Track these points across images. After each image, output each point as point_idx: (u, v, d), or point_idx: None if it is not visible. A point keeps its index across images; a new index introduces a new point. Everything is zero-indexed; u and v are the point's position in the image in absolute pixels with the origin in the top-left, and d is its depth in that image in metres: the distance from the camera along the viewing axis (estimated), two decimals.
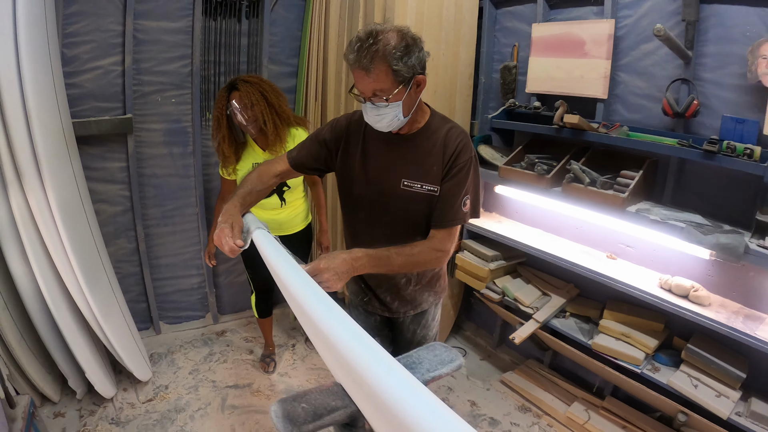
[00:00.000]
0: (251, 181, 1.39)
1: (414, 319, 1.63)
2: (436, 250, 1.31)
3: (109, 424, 2.13)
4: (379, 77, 1.16)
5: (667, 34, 1.67)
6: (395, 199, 1.36)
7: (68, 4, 2.15)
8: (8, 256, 1.94)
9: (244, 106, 2.04)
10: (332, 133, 1.42)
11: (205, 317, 2.98)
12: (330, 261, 1.13)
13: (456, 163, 1.29)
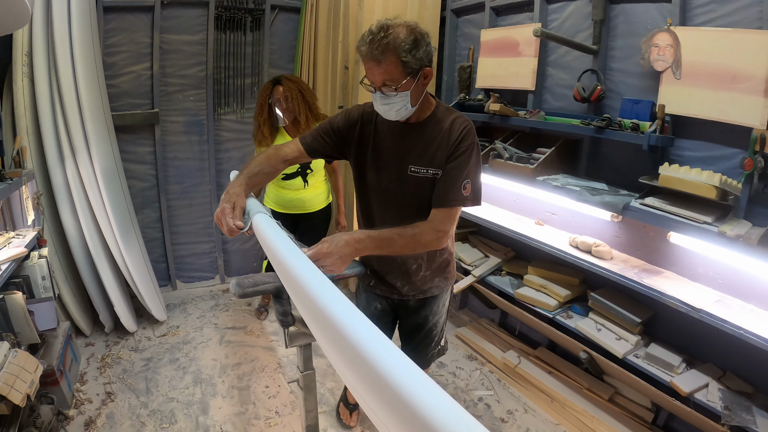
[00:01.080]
0: (259, 163, 1.41)
1: (425, 305, 1.68)
2: (437, 230, 1.35)
3: (129, 351, 2.71)
4: (389, 68, 1.22)
5: (545, 34, 2.07)
6: (404, 184, 1.42)
7: (108, 21, 2.81)
8: (62, 212, 2.57)
9: (284, 98, 2.41)
10: (346, 122, 1.47)
11: (214, 278, 3.57)
12: (333, 244, 1.18)
13: (459, 147, 1.34)
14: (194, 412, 2.26)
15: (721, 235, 1.69)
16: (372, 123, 1.46)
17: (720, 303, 1.89)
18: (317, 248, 1.17)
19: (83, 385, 2.40)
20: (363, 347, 0.63)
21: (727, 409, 1.81)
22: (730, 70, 1.81)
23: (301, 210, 2.61)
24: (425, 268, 1.57)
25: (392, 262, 1.56)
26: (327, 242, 1.18)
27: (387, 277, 1.60)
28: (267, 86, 2.50)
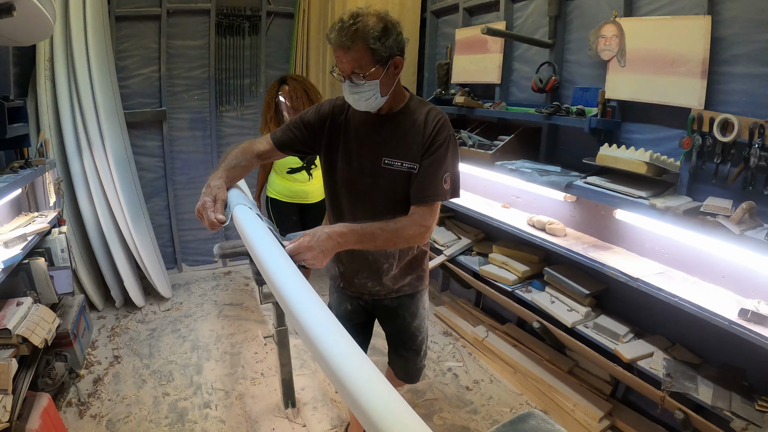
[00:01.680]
0: (236, 156, 1.40)
1: (401, 304, 1.63)
2: (418, 225, 1.31)
3: (136, 323, 3.03)
4: (357, 55, 1.20)
5: (492, 31, 2.27)
6: (376, 177, 1.38)
7: (119, 29, 3.16)
8: (79, 198, 2.91)
9: (290, 97, 2.53)
10: (316, 116, 1.44)
11: (216, 262, 3.88)
12: (314, 238, 1.16)
13: (435, 141, 1.31)
14: (189, 372, 2.55)
15: (653, 208, 1.86)
16: (343, 115, 1.43)
17: (662, 275, 2.04)
18: (299, 242, 1.15)
19: (94, 350, 2.72)
20: (315, 333, 0.77)
21: (669, 377, 1.96)
22: (669, 55, 1.97)
23: (305, 200, 2.76)
24: (396, 266, 1.54)
25: (363, 260, 1.52)
26: (309, 235, 1.16)
27: (356, 276, 1.56)
28: (274, 85, 2.64)
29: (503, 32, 2.42)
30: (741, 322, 1.71)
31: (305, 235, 1.17)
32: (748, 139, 1.75)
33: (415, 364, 1.77)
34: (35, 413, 1.86)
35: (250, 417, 2.24)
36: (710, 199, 1.84)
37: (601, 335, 2.18)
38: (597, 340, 2.16)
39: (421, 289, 1.66)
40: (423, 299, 1.69)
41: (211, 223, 1.18)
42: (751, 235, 1.65)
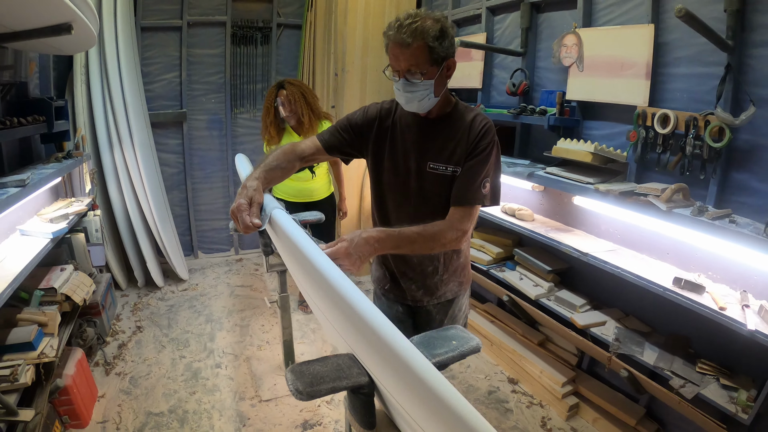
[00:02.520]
0: (277, 158, 1.34)
1: (440, 309, 1.62)
2: (456, 229, 1.29)
3: (157, 300, 3.40)
4: (415, 53, 1.20)
5: (464, 43, 2.60)
6: (421, 181, 1.38)
7: (145, 39, 3.55)
8: (109, 187, 3.30)
9: (288, 102, 2.61)
10: (364, 119, 1.43)
11: (230, 250, 4.26)
12: (352, 244, 1.12)
13: (479, 145, 1.31)
14: (204, 340, 2.89)
15: (597, 192, 2.16)
16: (390, 118, 1.42)
17: (613, 252, 2.32)
18: (336, 247, 1.11)
19: (118, 321, 3.08)
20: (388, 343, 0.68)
21: (617, 341, 2.24)
22: (619, 60, 2.27)
23: (309, 198, 2.86)
24: (442, 271, 1.53)
25: (408, 264, 1.51)
26: (346, 241, 1.12)
27: (402, 280, 1.55)
28: (272, 90, 2.71)
29: (475, 44, 2.74)
30: (675, 289, 1.98)
31: (342, 240, 1.13)
32: (684, 131, 2.03)
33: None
34: (71, 362, 2.22)
35: (255, 375, 2.56)
36: (650, 183, 2.13)
37: (560, 306, 2.46)
38: (557, 310, 2.44)
39: (461, 292, 1.65)
40: (461, 302, 1.67)
41: (246, 226, 1.10)
42: (679, 211, 1.93)
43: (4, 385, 1.65)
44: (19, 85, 2.53)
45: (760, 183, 1.90)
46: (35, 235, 2.22)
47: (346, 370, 0.86)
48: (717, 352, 2.04)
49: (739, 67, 1.88)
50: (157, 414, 2.28)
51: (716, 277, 2.07)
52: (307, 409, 2.33)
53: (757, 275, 1.91)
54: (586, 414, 2.46)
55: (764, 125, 1.85)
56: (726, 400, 1.86)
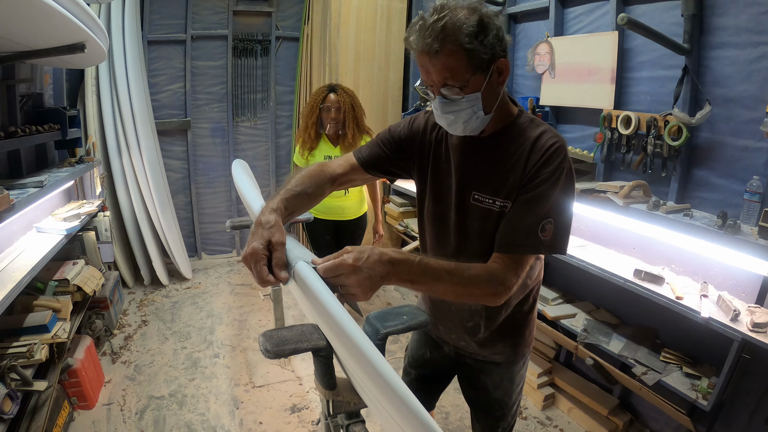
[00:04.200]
0: (300, 181, 1.07)
1: (485, 369, 1.33)
2: (496, 282, 0.96)
3: (161, 297, 3.59)
4: (448, 60, 0.91)
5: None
6: (464, 215, 1.12)
7: (151, 51, 3.78)
8: (118, 191, 3.52)
9: (336, 108, 2.45)
10: (409, 131, 1.19)
11: (232, 251, 4.46)
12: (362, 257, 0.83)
13: (540, 173, 0.99)
14: (204, 333, 3.07)
15: None
16: (437, 131, 1.16)
17: (583, 248, 2.46)
18: (340, 259, 0.83)
19: (125, 316, 3.28)
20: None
21: (585, 331, 2.37)
22: (587, 67, 2.43)
23: (340, 217, 2.67)
24: (484, 327, 1.23)
25: (445, 310, 1.28)
26: (354, 252, 0.84)
27: (442, 323, 1.31)
28: (322, 90, 2.50)
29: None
30: (636, 280, 2.13)
31: (346, 251, 0.85)
32: (646, 131, 2.18)
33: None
34: (81, 347, 2.41)
35: (249, 364, 2.74)
36: (613, 181, 2.28)
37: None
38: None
39: (516, 359, 1.31)
40: (514, 370, 1.33)
41: (262, 280, 0.84)
42: (636, 207, 2.08)
43: (21, 361, 1.84)
44: (35, 96, 2.76)
45: (719, 179, 2.03)
46: (50, 232, 2.43)
47: (308, 336, 0.91)
48: (682, 342, 2.17)
49: (698, 68, 2.02)
50: (159, 397, 2.46)
51: (678, 269, 2.20)
52: (297, 395, 2.50)
53: (717, 267, 2.04)
54: (562, 404, 2.58)
55: (722, 124, 1.98)
56: (688, 388, 1.98)
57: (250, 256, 0.86)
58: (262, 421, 2.32)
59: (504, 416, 1.39)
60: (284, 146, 4.42)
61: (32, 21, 1.61)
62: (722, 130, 2.00)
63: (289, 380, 2.61)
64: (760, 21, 1.78)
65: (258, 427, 2.28)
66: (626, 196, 2.09)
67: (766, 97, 1.76)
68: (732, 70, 1.93)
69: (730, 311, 1.79)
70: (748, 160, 1.91)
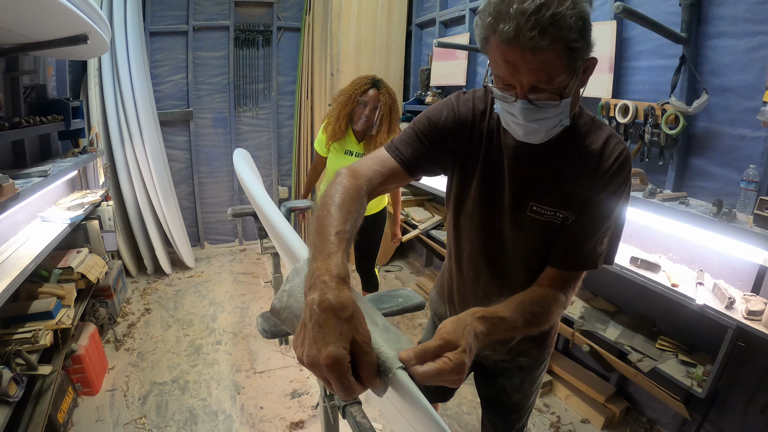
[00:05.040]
0: (348, 211, 0.77)
1: (504, 372, 1.27)
2: (562, 305, 0.94)
3: (165, 286, 3.65)
4: (550, 61, 0.75)
5: (441, 44, 2.78)
6: (516, 228, 1.01)
7: (153, 43, 3.80)
8: (121, 181, 3.55)
9: (373, 107, 2.30)
10: (455, 120, 1.00)
11: (234, 240, 4.51)
12: (469, 350, 0.68)
13: (608, 186, 0.91)
14: (206, 320, 3.12)
15: None
16: (486, 121, 0.99)
17: None
18: (442, 364, 0.64)
19: (128, 304, 3.34)
20: None
21: (582, 319, 2.40)
22: None
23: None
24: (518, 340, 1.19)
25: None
26: (465, 353, 0.67)
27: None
28: (365, 82, 2.33)
29: (450, 44, 2.93)
30: (632, 267, 2.14)
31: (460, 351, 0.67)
32: (643, 120, 2.18)
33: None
34: (85, 334, 2.46)
35: (251, 350, 2.79)
36: None
37: None
38: None
39: (538, 362, 1.26)
40: (535, 374, 1.28)
41: (350, 394, 0.58)
42: (632, 194, 2.07)
43: (26, 346, 1.88)
44: (39, 87, 2.79)
45: (716, 168, 2.04)
46: (55, 221, 2.47)
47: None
48: (679, 331, 2.18)
49: (696, 58, 2.02)
50: (161, 383, 2.51)
51: (675, 258, 2.21)
52: (297, 380, 2.54)
53: (714, 255, 2.06)
54: (559, 391, 2.61)
55: (720, 113, 1.98)
56: (683, 375, 2.00)
57: (331, 367, 0.56)
58: (263, 406, 2.36)
59: (520, 418, 1.35)
60: (286, 136, 4.44)
61: (35, 13, 1.63)
62: (720, 119, 2.00)
63: (289, 366, 2.66)
64: (758, 10, 1.78)
65: (259, 412, 2.32)
66: None
67: (763, 86, 1.75)
68: (730, 60, 1.92)
69: (725, 299, 1.81)
70: (746, 150, 1.91)
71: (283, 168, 4.51)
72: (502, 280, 1.08)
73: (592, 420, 2.40)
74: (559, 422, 2.40)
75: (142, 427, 2.20)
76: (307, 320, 0.60)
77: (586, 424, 2.39)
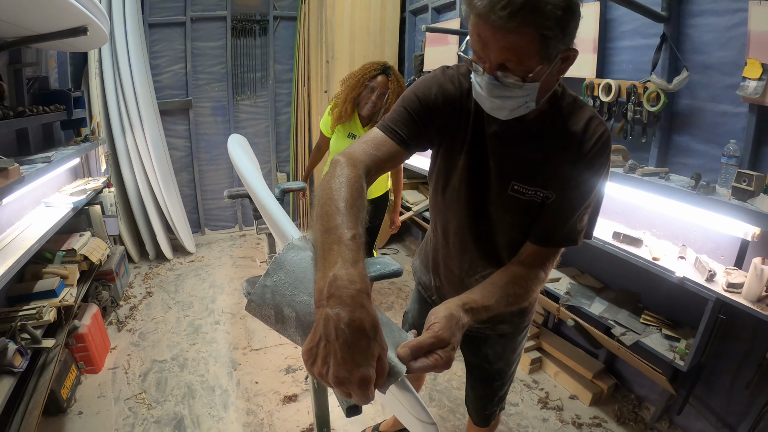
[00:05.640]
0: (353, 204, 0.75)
1: (487, 340, 1.33)
2: (540, 281, 0.98)
3: (166, 270, 3.75)
4: (519, 42, 0.76)
5: (430, 29, 2.81)
6: (497, 207, 1.04)
7: (152, 34, 3.87)
8: (122, 169, 3.65)
9: (381, 93, 2.32)
10: (443, 97, 1.00)
11: (234, 226, 4.61)
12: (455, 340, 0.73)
13: (590, 166, 0.95)
14: (206, 302, 3.22)
15: None
16: (471, 99, 0.99)
17: None
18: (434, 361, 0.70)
19: (131, 288, 3.44)
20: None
21: (568, 294, 2.45)
22: None
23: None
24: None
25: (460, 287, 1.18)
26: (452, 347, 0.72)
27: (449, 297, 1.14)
28: (374, 68, 2.34)
29: (439, 29, 2.97)
30: (614, 242, 2.19)
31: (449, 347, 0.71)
32: (626, 99, 2.22)
33: (485, 409, 1.47)
34: (88, 314, 2.56)
35: (248, 329, 2.88)
36: None
37: None
38: None
39: (517, 330, 1.32)
40: (516, 341, 1.34)
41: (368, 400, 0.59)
42: (613, 170, 2.13)
43: (31, 322, 1.98)
44: (42, 79, 2.88)
45: (699, 144, 2.07)
46: (58, 206, 2.56)
47: None
48: (664, 306, 2.24)
49: (678, 36, 2.05)
50: (161, 361, 2.61)
51: (660, 234, 2.26)
52: (291, 357, 2.63)
53: (697, 230, 2.10)
54: (548, 368, 2.67)
55: (702, 90, 2.02)
56: (666, 349, 2.05)
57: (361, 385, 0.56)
58: (258, 381, 2.45)
59: (503, 385, 1.43)
60: (284, 123, 4.51)
61: (36, 5, 1.71)
62: (702, 96, 2.03)
63: (285, 344, 2.74)
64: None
65: (254, 387, 2.41)
66: None
67: (743, 62, 1.78)
68: (710, 37, 1.95)
69: (706, 272, 1.85)
70: (728, 125, 1.95)
71: (281, 155, 4.58)
72: (488, 252, 1.12)
73: (580, 396, 2.46)
74: (547, 398, 2.46)
75: (141, 401, 2.30)
76: (331, 336, 0.56)
77: (574, 400, 2.45)
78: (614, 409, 2.34)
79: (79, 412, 2.21)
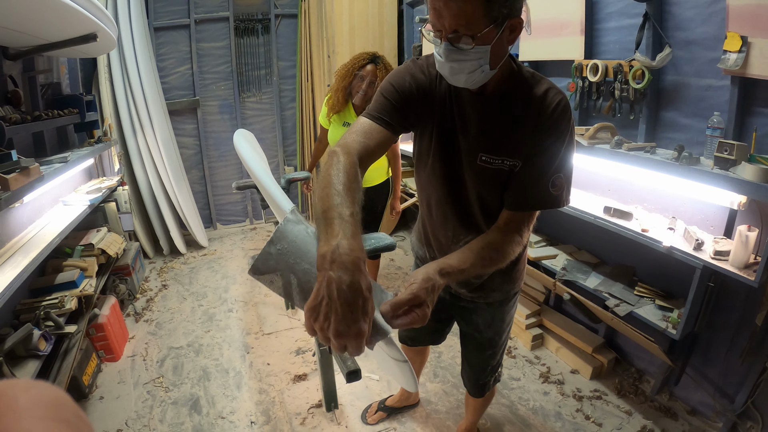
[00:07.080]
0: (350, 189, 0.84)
1: (477, 310, 1.43)
2: (516, 243, 1.05)
3: (180, 264, 3.91)
4: (467, 7, 0.88)
5: (423, 20, 2.88)
6: (469, 178, 1.14)
7: (158, 37, 4.02)
8: (135, 168, 3.80)
9: (370, 81, 2.40)
10: (416, 83, 1.11)
11: (245, 221, 4.75)
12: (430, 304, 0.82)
13: (549, 132, 1.03)
14: (219, 292, 3.36)
15: None
16: (443, 83, 1.10)
17: None
18: (411, 319, 0.79)
19: (146, 282, 3.60)
20: None
21: (564, 270, 2.52)
22: (559, 22, 2.52)
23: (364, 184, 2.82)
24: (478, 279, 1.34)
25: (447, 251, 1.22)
26: (427, 306, 0.81)
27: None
28: (363, 58, 2.42)
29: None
30: (605, 216, 2.26)
31: (424, 304, 0.81)
32: (613, 78, 2.28)
33: (479, 379, 1.60)
34: (107, 305, 2.71)
35: (260, 316, 3.01)
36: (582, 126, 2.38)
37: None
38: None
39: (506, 298, 1.42)
40: (505, 309, 1.44)
41: (359, 349, 0.68)
42: (600, 146, 2.19)
43: (54, 311, 2.13)
44: (54, 85, 3.03)
45: (685, 119, 2.13)
46: (75, 204, 2.72)
47: None
48: (657, 279, 2.30)
49: (660, 14, 2.10)
50: (177, 348, 2.75)
51: (651, 208, 2.32)
52: (302, 339, 2.75)
53: (686, 203, 2.15)
54: (550, 344, 2.75)
55: (686, 65, 2.07)
56: (659, 319, 2.11)
57: (357, 339, 0.66)
58: (270, 362, 2.58)
59: (494, 354, 1.53)
60: (289, 118, 4.63)
61: (48, 16, 1.83)
62: (686, 71, 2.08)
63: (295, 328, 2.87)
64: None
65: (266, 368, 2.54)
66: (591, 137, 2.21)
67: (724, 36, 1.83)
68: (692, 14, 2.00)
69: (693, 241, 1.91)
70: (712, 99, 1.99)
71: (288, 149, 4.71)
72: (467, 221, 1.23)
73: (581, 370, 2.53)
74: (548, 372, 2.53)
75: (159, 385, 2.44)
76: (333, 296, 0.65)
77: (575, 374, 2.52)
78: (615, 383, 2.40)
79: (101, 397, 2.36)
